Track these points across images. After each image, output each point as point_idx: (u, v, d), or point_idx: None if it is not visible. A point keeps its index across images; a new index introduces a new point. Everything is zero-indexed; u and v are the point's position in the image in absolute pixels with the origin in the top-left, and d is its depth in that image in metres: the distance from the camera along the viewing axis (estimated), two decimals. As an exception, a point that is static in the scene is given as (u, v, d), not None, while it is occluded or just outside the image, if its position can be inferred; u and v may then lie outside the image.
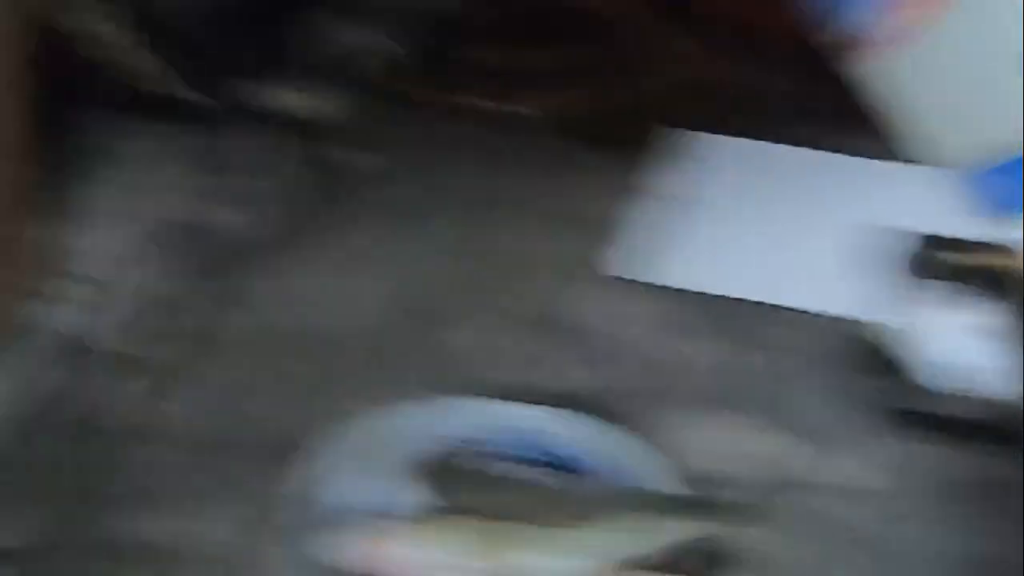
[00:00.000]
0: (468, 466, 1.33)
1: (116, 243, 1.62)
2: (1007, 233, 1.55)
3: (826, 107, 2.06)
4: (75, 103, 1.58)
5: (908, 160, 1.73)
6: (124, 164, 1.69)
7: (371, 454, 1.35)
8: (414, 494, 1.30)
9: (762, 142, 2.05)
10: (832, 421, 1.51)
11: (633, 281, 1.74)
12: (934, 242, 1.62)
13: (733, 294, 1.71)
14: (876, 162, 1.94)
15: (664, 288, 1.73)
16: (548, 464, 1.36)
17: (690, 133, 2.08)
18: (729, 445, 1.47)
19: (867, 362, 1.54)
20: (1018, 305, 1.49)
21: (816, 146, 2.02)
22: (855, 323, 1.58)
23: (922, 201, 1.71)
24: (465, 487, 1.30)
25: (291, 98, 2.14)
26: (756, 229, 1.85)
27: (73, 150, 1.56)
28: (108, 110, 1.70)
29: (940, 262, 1.58)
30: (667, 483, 1.33)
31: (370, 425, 1.40)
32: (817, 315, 1.65)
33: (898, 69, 1.57)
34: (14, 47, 1.34)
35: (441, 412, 1.42)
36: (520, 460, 1.36)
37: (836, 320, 1.63)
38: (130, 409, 1.54)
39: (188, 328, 1.68)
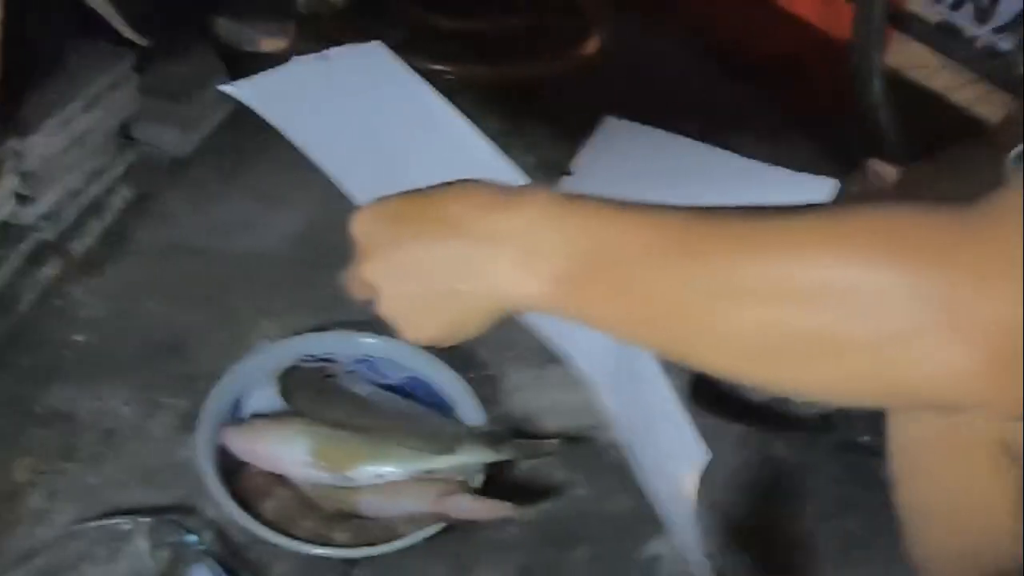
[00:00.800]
0: (316, 381, 1.58)
1: (51, 146, 1.80)
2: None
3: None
4: (25, 16, 1.73)
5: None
6: (67, 76, 1.84)
7: (256, 369, 1.59)
8: (278, 402, 1.58)
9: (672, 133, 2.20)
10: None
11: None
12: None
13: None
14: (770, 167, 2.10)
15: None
16: (390, 388, 1.62)
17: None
18: (549, 395, 1.73)
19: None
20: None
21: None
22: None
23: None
24: (309, 397, 1.56)
25: (226, 28, 2.35)
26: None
27: (23, 60, 1.73)
28: (56, 25, 1.86)
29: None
30: (481, 419, 1.59)
31: (260, 346, 1.64)
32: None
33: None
34: None
35: (315, 339, 1.68)
36: (372, 383, 1.63)
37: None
38: (44, 291, 1.79)
39: (104, 227, 1.92)
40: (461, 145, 1.20)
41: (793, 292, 0.74)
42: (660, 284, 0.81)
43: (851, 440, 1.66)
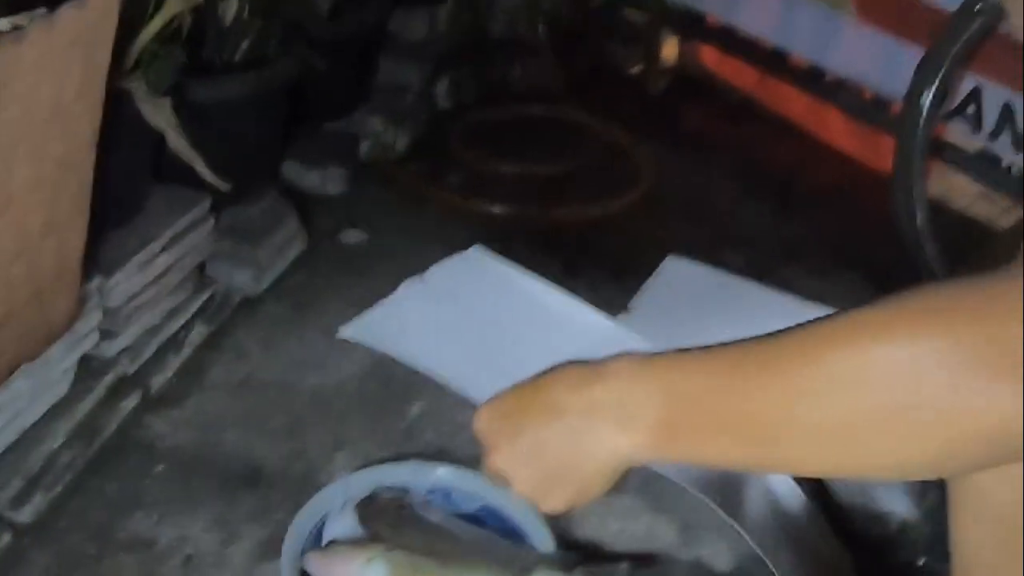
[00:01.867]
0: (393, 509, 1.63)
1: (132, 284, 1.88)
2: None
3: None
4: (112, 160, 1.82)
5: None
6: (148, 218, 1.95)
7: (336, 498, 1.65)
8: (357, 529, 1.62)
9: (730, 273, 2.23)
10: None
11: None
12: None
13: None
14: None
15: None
16: (464, 517, 1.67)
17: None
18: (615, 523, 1.77)
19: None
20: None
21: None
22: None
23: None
24: (387, 524, 1.60)
25: (295, 173, 2.45)
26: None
27: (108, 202, 1.81)
28: (139, 169, 1.96)
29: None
30: (552, 546, 1.63)
31: (339, 476, 1.70)
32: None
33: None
34: (92, 122, 1.60)
35: (390, 470, 1.74)
36: (446, 512, 1.68)
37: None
38: (125, 422, 1.85)
39: (182, 362, 1.99)
40: (575, 324, 1.36)
41: (856, 376, 0.86)
42: (746, 404, 0.93)
43: (911, 562, 1.68)
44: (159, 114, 1.81)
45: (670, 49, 3.00)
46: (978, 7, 2.07)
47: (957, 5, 2.15)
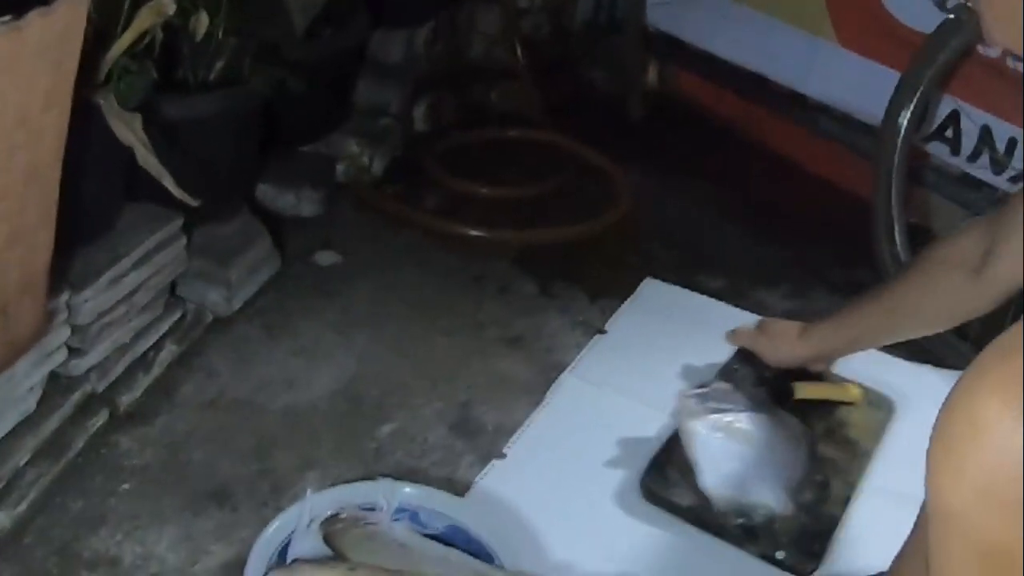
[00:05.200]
0: (359, 528, 1.62)
1: (102, 302, 1.86)
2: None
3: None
4: (80, 176, 1.81)
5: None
6: (119, 235, 1.93)
7: (301, 517, 1.63)
8: (322, 547, 1.60)
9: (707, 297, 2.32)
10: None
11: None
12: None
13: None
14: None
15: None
16: (430, 536, 1.65)
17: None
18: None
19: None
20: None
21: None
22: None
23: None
24: (353, 543, 1.59)
25: (269, 195, 2.44)
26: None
27: (77, 218, 1.79)
28: (109, 186, 1.94)
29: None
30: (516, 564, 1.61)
31: (305, 495, 1.67)
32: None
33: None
34: (58, 133, 1.58)
35: (358, 488, 1.72)
36: (412, 531, 1.66)
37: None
38: (92, 440, 1.83)
39: (151, 381, 1.97)
40: None
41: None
42: None
43: (770, 554, 1.69)
44: (129, 130, 1.79)
45: (650, 75, 3.00)
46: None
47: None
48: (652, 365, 2.09)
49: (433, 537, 1.65)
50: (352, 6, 2.57)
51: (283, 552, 1.58)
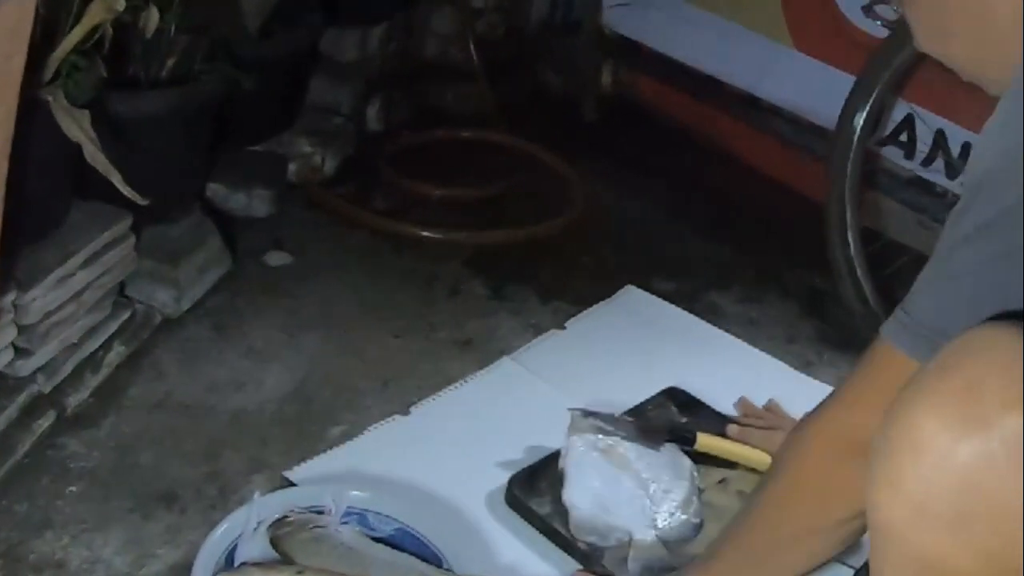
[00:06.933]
0: (306, 531, 1.60)
1: (49, 301, 1.83)
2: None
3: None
4: (27, 173, 1.78)
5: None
6: (66, 234, 1.90)
7: (248, 520, 1.61)
8: (269, 551, 1.59)
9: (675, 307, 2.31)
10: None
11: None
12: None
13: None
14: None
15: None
16: (379, 540, 1.64)
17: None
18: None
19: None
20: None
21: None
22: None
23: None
24: (300, 547, 1.57)
25: (220, 194, 2.42)
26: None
27: (24, 216, 1.77)
28: (57, 183, 1.92)
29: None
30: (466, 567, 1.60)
31: (251, 498, 1.65)
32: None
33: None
34: (5, 129, 1.55)
35: (305, 491, 1.70)
36: (361, 534, 1.64)
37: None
38: (38, 442, 1.80)
39: (99, 382, 1.95)
40: None
41: None
42: None
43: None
44: (77, 126, 1.77)
45: (605, 76, 2.99)
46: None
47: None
48: (597, 369, 2.10)
49: (381, 540, 1.63)
50: (306, 4, 2.55)
51: (231, 555, 1.56)
